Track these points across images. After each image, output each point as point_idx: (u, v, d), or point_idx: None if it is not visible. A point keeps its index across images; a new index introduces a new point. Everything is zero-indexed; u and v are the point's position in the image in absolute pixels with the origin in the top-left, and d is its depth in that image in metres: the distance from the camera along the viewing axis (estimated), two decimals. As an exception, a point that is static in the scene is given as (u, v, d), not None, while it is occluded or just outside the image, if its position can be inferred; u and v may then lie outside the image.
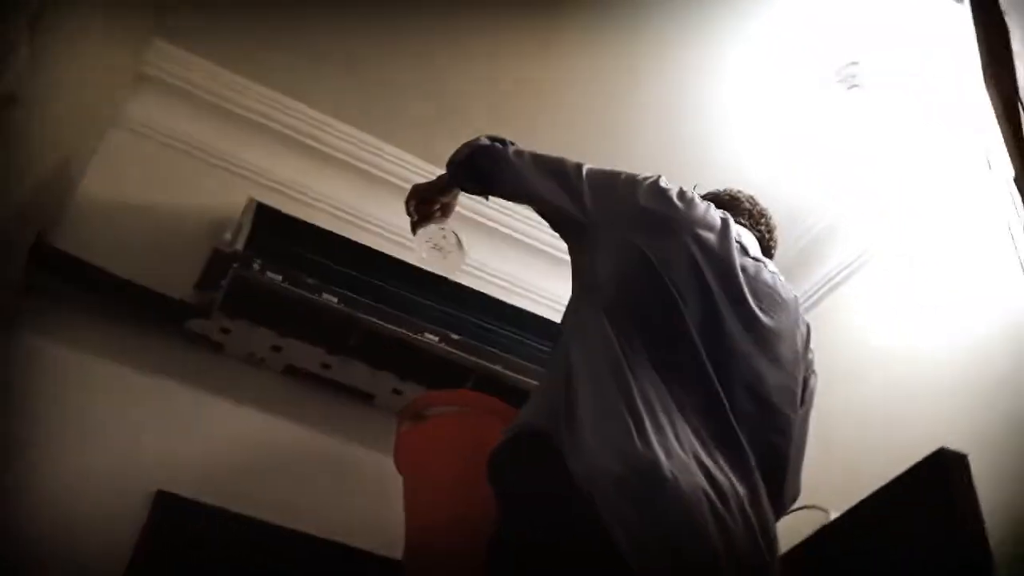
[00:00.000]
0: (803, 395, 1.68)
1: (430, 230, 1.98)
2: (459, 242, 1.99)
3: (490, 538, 1.42)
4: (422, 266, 2.60)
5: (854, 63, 2.51)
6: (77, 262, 2.28)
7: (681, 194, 1.68)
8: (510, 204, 2.89)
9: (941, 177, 2.59)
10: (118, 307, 2.32)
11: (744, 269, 1.64)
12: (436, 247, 2.01)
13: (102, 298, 2.31)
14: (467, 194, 1.97)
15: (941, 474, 1.77)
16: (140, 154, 2.61)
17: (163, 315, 2.35)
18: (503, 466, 1.45)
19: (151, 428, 2.26)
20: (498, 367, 2.45)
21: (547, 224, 1.82)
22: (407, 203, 1.98)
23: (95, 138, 2.51)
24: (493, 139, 1.81)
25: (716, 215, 1.71)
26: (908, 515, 1.80)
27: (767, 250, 1.85)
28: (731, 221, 1.72)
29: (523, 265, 2.96)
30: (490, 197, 1.95)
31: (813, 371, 1.75)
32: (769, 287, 1.67)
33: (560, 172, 1.69)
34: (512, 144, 1.81)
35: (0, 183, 1.60)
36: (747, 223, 1.82)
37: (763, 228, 1.85)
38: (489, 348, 2.48)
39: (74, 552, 2.00)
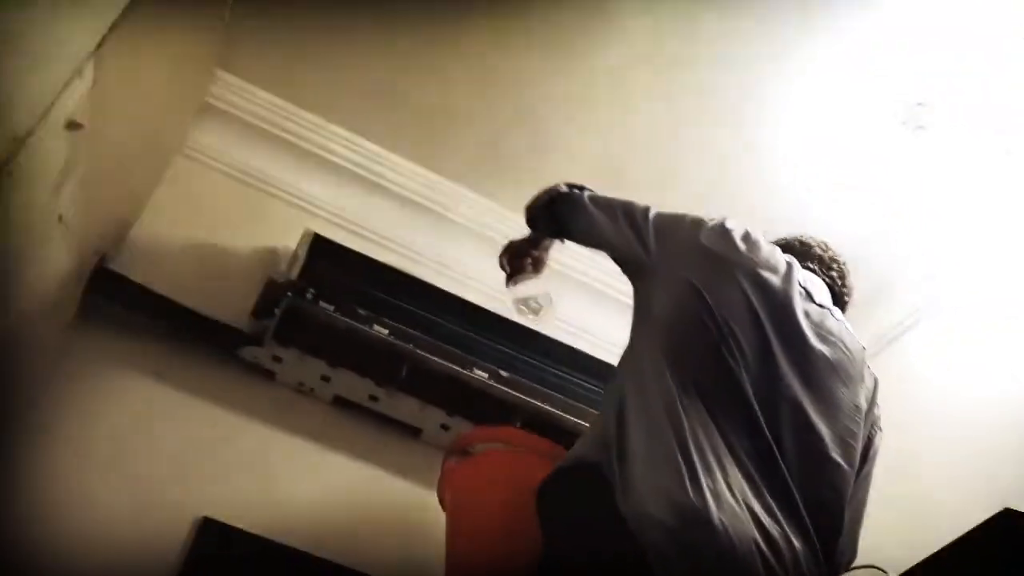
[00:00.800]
0: (865, 452, 1.62)
1: (521, 287, 2.11)
2: (550, 301, 2.08)
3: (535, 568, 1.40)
4: (481, 304, 2.61)
5: (921, 104, 2.45)
6: (136, 287, 2.32)
7: (746, 236, 1.66)
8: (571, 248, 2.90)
9: (1009, 226, 2.52)
10: (174, 333, 2.35)
11: (807, 315, 1.60)
12: (526, 306, 2.11)
13: (158, 323, 2.34)
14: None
15: (1005, 535, 1.69)
16: (201, 183, 2.66)
17: (217, 342, 2.37)
18: (551, 496, 1.43)
19: (200, 453, 2.28)
20: (546, 406, 2.42)
21: (616, 269, 1.84)
22: (500, 257, 2.09)
23: (159, 166, 2.57)
24: (571, 186, 1.90)
25: (781, 259, 1.67)
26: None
27: (838, 297, 1.81)
28: (796, 266, 1.69)
29: (575, 304, 2.94)
30: (565, 241, 2.02)
31: (879, 428, 1.70)
32: (833, 336, 1.63)
33: (628, 214, 1.73)
34: (588, 189, 1.88)
35: (64, 208, 1.64)
36: (817, 269, 1.79)
37: (835, 275, 1.82)
38: (538, 386, 2.46)
39: (119, 573, 2.01)
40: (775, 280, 1.60)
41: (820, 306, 1.66)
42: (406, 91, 2.67)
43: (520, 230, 2.09)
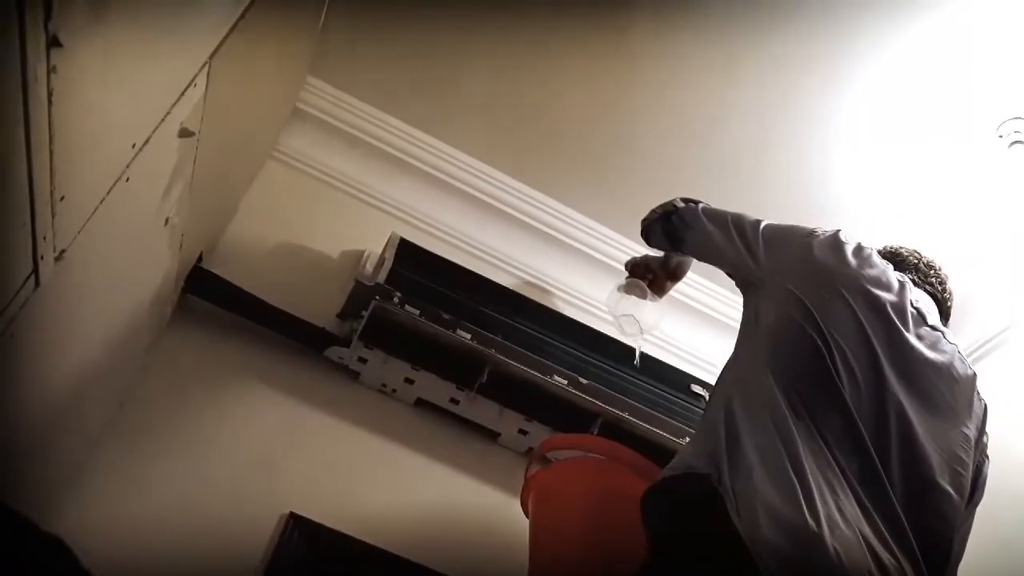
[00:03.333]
0: (975, 481, 1.58)
1: (630, 304, 2.23)
2: (640, 331, 2.19)
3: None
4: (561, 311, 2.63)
5: (1018, 118, 2.39)
6: (228, 286, 2.39)
7: (858, 250, 1.64)
8: (641, 249, 2.89)
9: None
10: (263, 331, 2.41)
11: (920, 338, 1.57)
12: (621, 324, 2.18)
13: (249, 322, 2.40)
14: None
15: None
16: (292, 186, 2.73)
17: (305, 342, 2.42)
18: (660, 504, 1.42)
19: (286, 450, 2.33)
20: (625, 414, 2.42)
21: (698, 281, 1.86)
22: (627, 263, 2.25)
23: (253, 169, 2.64)
24: (686, 200, 1.97)
25: (894, 277, 1.64)
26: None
27: (943, 306, 1.76)
28: (909, 285, 1.65)
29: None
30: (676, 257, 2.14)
31: (986, 456, 1.65)
32: (944, 360, 1.59)
33: (738, 226, 1.75)
34: (702, 202, 1.94)
35: (171, 211, 1.70)
36: (917, 279, 1.75)
37: (935, 282, 1.78)
38: (616, 394, 2.46)
39: (203, 569, 2.07)
40: (887, 298, 1.56)
41: (933, 328, 1.62)
42: (497, 100, 2.70)
43: (605, 239, 2.11)
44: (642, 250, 2.91)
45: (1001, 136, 2.44)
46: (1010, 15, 2.20)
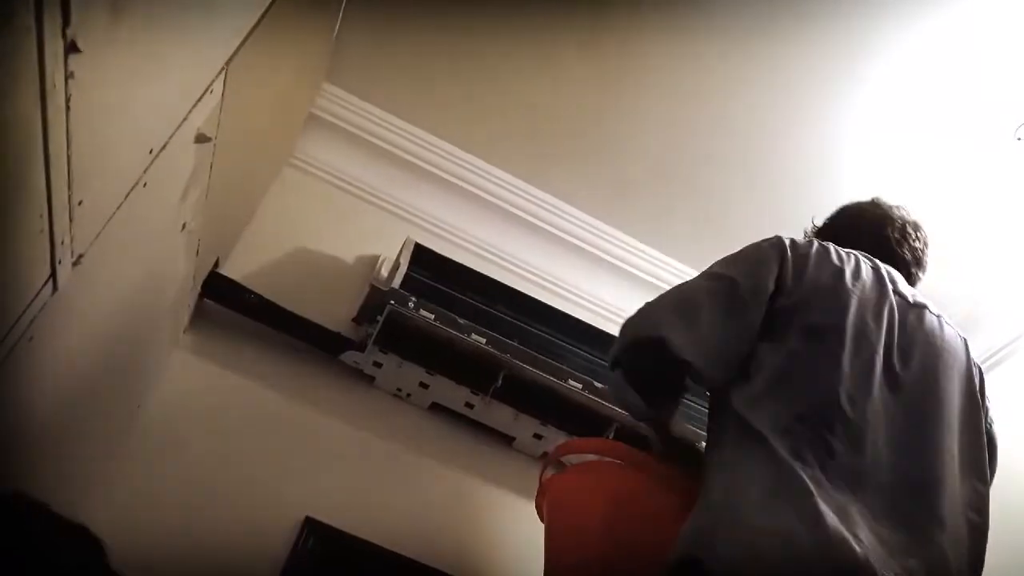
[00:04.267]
0: (991, 451, 1.58)
1: None
2: None
3: None
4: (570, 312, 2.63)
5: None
6: (244, 291, 2.40)
7: (838, 258, 1.56)
8: (665, 257, 2.90)
9: None
10: (278, 336, 2.42)
11: (906, 324, 1.53)
12: None
13: (264, 326, 2.42)
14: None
15: None
16: (308, 191, 2.75)
17: (320, 346, 2.43)
18: None
19: (302, 454, 2.34)
20: (641, 419, 2.41)
21: None
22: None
23: (269, 175, 2.66)
24: (614, 361, 1.59)
25: (866, 270, 1.57)
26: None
27: (919, 261, 1.73)
28: (882, 270, 1.58)
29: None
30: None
31: (991, 420, 1.62)
32: (936, 338, 1.56)
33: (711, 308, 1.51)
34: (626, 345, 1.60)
35: (187, 216, 1.71)
36: (896, 238, 1.70)
37: (911, 239, 1.73)
38: (632, 399, 2.45)
39: (218, 571, 2.08)
40: (870, 296, 1.52)
41: (915, 305, 1.58)
42: (514, 105, 2.70)
43: (622, 245, 2.06)
44: (662, 256, 2.92)
45: (1020, 139, 2.41)
46: (1026, 11, 2.18)
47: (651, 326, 1.45)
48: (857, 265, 1.57)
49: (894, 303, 1.55)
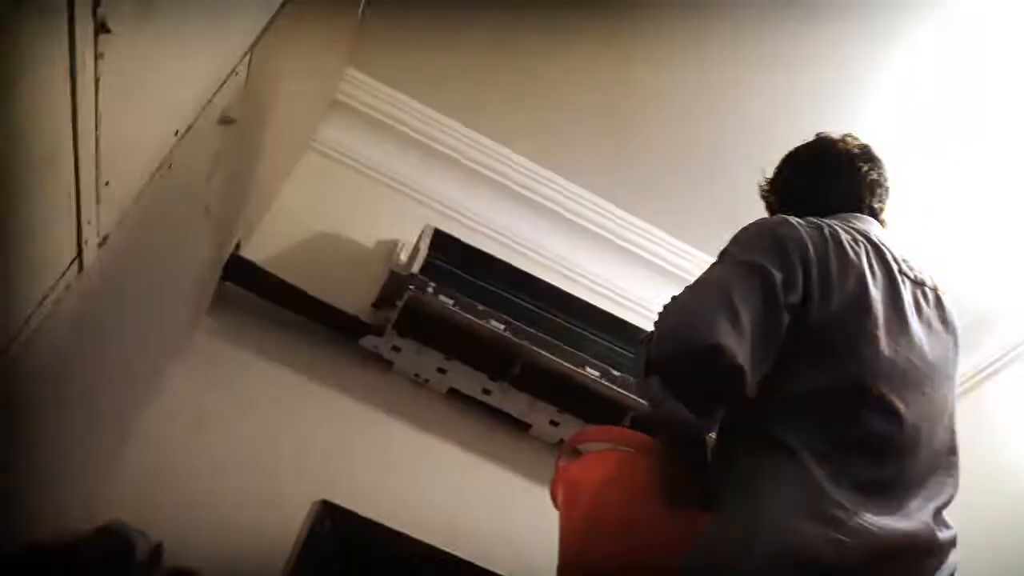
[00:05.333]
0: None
1: None
2: None
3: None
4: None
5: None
6: (265, 274, 2.41)
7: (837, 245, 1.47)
8: (683, 245, 2.88)
9: None
10: (298, 319, 2.43)
11: (919, 313, 1.48)
12: None
13: (285, 310, 2.42)
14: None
15: None
16: (329, 176, 2.75)
17: (340, 330, 2.44)
18: None
19: (319, 437, 2.35)
20: (658, 408, 2.41)
21: None
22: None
23: (291, 159, 2.67)
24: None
25: (875, 257, 1.49)
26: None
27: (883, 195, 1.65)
28: (885, 254, 1.51)
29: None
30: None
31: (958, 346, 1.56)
32: (937, 319, 1.52)
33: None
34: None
35: (211, 199, 1.72)
36: (872, 171, 1.62)
37: (880, 174, 1.64)
38: (650, 388, 2.45)
39: (235, 553, 2.10)
40: (888, 296, 1.46)
41: (917, 282, 1.53)
42: (539, 93, 2.69)
43: (643, 234, 2.05)
44: (684, 246, 2.90)
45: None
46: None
47: (703, 331, 1.29)
48: (868, 257, 1.49)
49: (905, 298, 1.49)
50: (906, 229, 2.47)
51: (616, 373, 2.44)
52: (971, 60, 2.27)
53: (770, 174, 1.72)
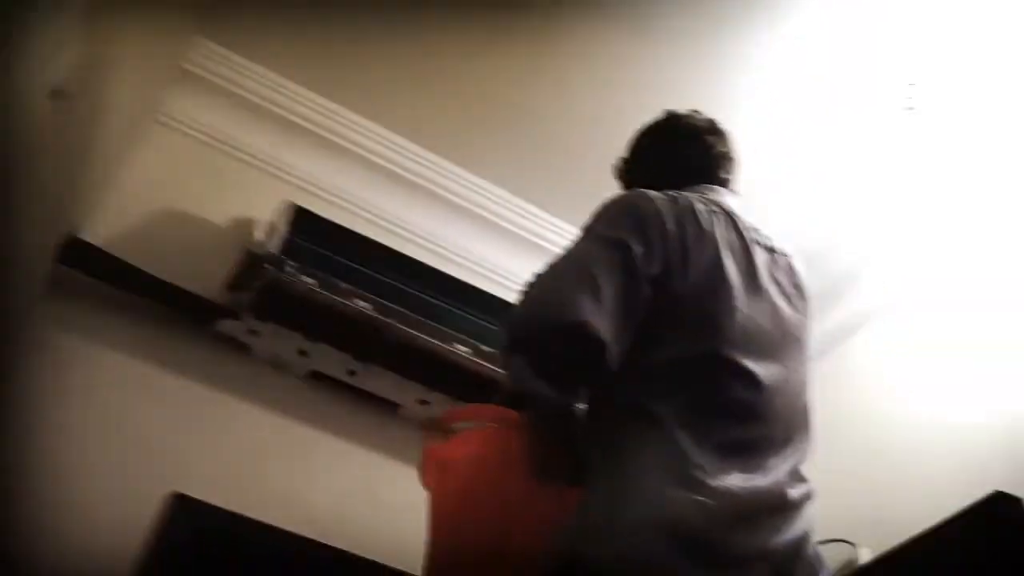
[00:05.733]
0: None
1: None
2: None
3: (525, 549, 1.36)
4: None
5: (912, 84, 2.43)
6: (107, 257, 2.26)
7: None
8: (553, 219, 2.88)
9: (994, 207, 2.52)
10: (147, 305, 2.30)
11: (772, 278, 1.54)
12: None
13: (131, 295, 2.29)
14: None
15: (995, 519, 1.69)
16: (178, 151, 2.60)
17: (192, 314, 2.33)
18: None
19: (172, 428, 2.24)
20: (529, 383, 2.40)
21: None
22: None
23: (134, 133, 2.50)
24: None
25: (728, 224, 1.53)
26: (956, 560, 1.73)
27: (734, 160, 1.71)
28: (737, 222, 1.56)
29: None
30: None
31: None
32: (788, 283, 1.58)
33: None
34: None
35: (42, 175, 1.58)
36: (719, 144, 1.68)
37: (728, 147, 1.70)
38: (520, 362, 2.44)
39: (86, 549, 1.98)
40: (741, 262, 1.50)
41: (771, 250, 1.58)
42: (400, 63, 2.61)
43: (511, 207, 2.02)
44: (550, 218, 2.89)
45: (897, 103, 2.46)
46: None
47: (567, 308, 1.32)
48: (723, 226, 1.53)
49: (759, 265, 1.54)
50: (793, 191, 2.62)
51: (487, 349, 2.42)
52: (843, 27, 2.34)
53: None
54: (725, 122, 2.22)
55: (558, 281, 1.39)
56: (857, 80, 2.45)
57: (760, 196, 2.55)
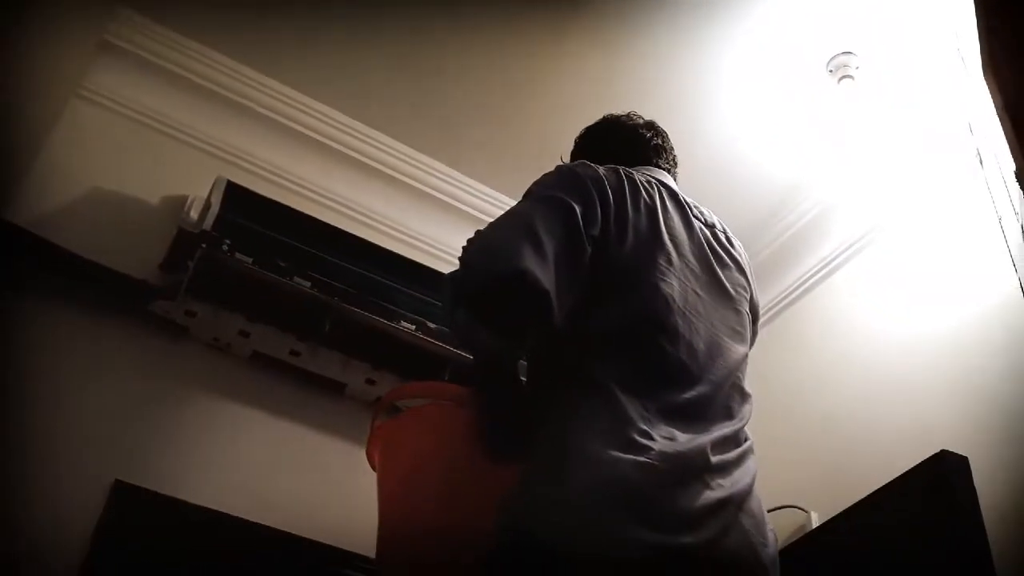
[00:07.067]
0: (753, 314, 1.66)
1: None
2: None
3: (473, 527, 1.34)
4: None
5: (848, 53, 2.45)
6: (33, 238, 2.16)
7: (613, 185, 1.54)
8: (499, 198, 2.84)
9: (932, 169, 2.54)
10: (77, 288, 2.21)
11: (713, 252, 1.59)
12: None
13: (59, 278, 2.20)
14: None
15: (941, 478, 1.71)
16: (103, 127, 2.49)
17: (125, 296, 2.24)
18: None
19: (110, 415, 2.16)
20: (476, 357, 2.36)
21: None
22: None
23: (55, 109, 2.39)
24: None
25: (670, 199, 1.58)
26: (904, 520, 1.74)
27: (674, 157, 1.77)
28: (680, 197, 1.61)
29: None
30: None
31: (755, 297, 1.69)
32: (729, 257, 1.63)
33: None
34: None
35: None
36: (656, 138, 1.75)
37: (665, 143, 1.77)
38: (468, 338, 2.40)
39: (30, 543, 1.91)
40: (682, 235, 1.55)
41: (710, 225, 1.63)
42: (329, 39, 2.55)
43: (452, 181, 1.97)
44: (493, 192, 2.85)
45: (831, 71, 2.48)
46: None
47: (508, 257, 1.31)
48: (662, 198, 1.57)
49: (697, 236, 1.59)
50: (750, 146, 2.64)
51: (432, 325, 2.38)
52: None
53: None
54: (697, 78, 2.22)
55: (499, 234, 1.39)
56: (796, 48, 2.48)
57: (729, 144, 2.64)
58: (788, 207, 2.84)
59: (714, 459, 1.34)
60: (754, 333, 1.66)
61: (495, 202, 2.86)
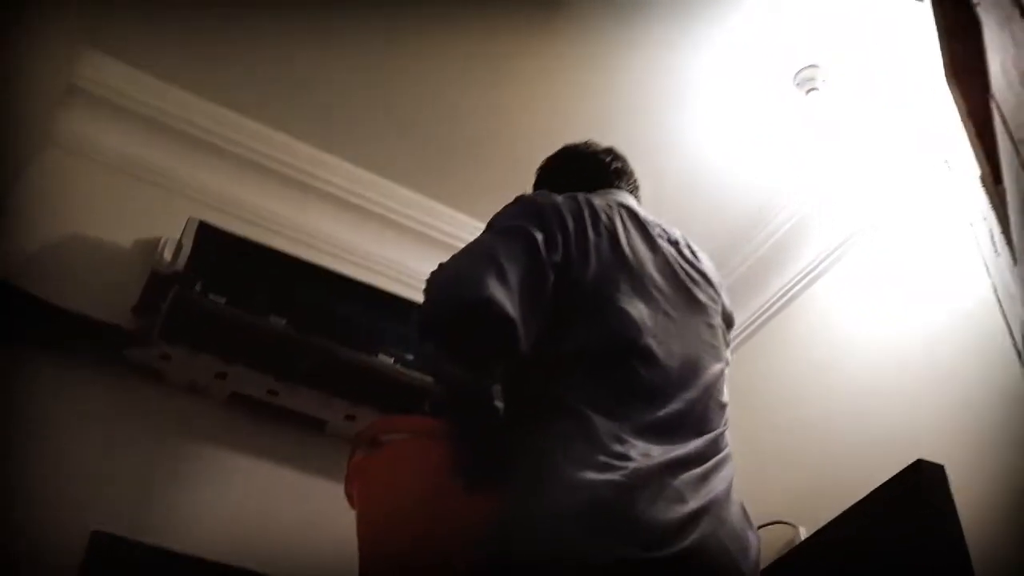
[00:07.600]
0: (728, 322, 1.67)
1: None
2: None
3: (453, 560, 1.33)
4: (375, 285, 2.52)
5: (813, 66, 2.47)
6: (4, 288, 2.15)
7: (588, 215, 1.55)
8: (476, 226, 2.83)
9: (902, 176, 2.56)
10: (49, 336, 2.19)
11: (682, 270, 1.59)
12: None
13: (32, 325, 2.18)
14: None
15: (918, 487, 1.71)
16: (72, 171, 2.48)
17: (98, 343, 2.22)
18: None
19: (87, 464, 2.13)
20: (456, 389, 2.35)
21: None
22: None
23: (24, 154, 2.38)
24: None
25: (630, 220, 1.59)
26: (885, 531, 1.74)
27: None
28: (640, 216, 1.62)
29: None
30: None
31: (726, 307, 1.69)
32: (697, 272, 1.63)
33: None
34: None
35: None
36: (615, 162, 1.75)
37: (625, 166, 1.77)
38: (447, 369, 2.38)
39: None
40: (645, 255, 1.55)
41: (674, 242, 1.63)
42: (299, 75, 2.56)
43: (429, 212, 1.96)
44: (472, 222, 2.85)
45: (798, 84, 2.50)
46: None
47: (470, 287, 1.33)
48: (623, 219, 1.58)
49: (662, 253, 1.59)
50: (724, 160, 2.65)
51: (411, 358, 2.36)
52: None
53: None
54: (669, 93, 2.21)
55: (462, 266, 1.41)
56: (762, 63, 2.50)
57: (703, 159, 2.65)
58: (766, 219, 2.85)
59: (690, 471, 1.34)
60: (727, 342, 1.66)
61: (471, 230, 2.85)
